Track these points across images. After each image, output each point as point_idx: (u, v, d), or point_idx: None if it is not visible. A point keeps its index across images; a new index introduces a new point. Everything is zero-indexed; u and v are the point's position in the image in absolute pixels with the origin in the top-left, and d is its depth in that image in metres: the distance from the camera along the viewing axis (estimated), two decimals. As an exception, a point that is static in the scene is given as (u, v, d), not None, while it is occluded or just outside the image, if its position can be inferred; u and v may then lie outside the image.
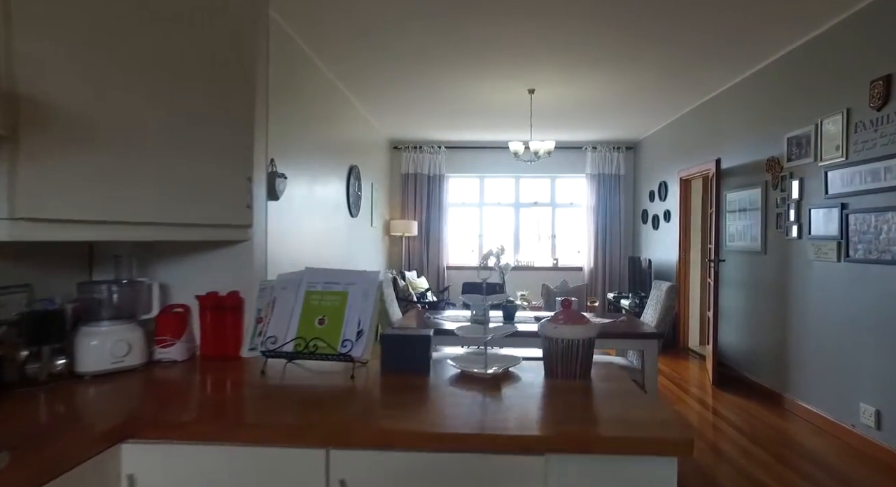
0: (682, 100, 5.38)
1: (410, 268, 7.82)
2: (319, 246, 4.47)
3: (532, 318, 3.57)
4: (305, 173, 4.11)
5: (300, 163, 3.98)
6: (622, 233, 7.76)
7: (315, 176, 4.32)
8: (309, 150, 4.19)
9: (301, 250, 3.95)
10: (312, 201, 4.29)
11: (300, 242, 3.93)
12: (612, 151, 7.74)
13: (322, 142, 4.56)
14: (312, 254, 4.23)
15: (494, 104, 5.61)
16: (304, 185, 4.06)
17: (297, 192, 3.92)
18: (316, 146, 4.37)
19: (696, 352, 5.76)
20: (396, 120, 6.55)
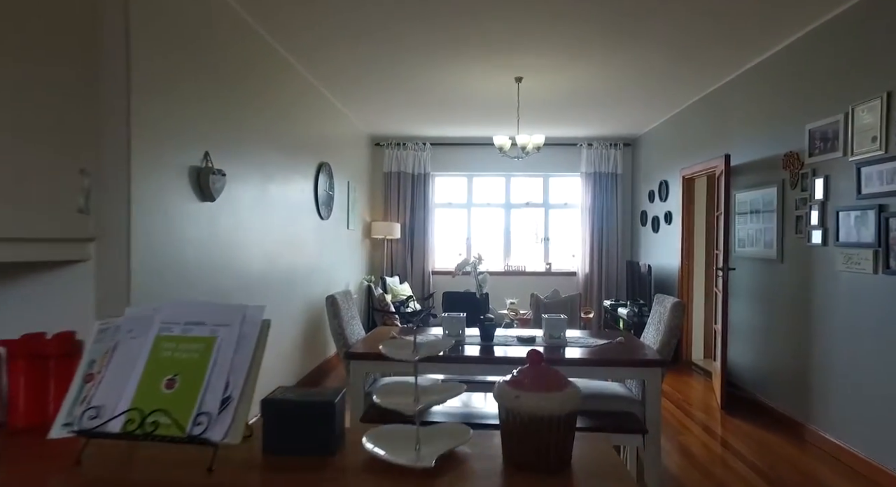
0: (686, 89, 4.88)
1: (393, 274, 7.30)
2: (277, 254, 3.95)
3: (514, 340, 3.06)
4: (257, 170, 3.59)
5: (250, 159, 3.47)
6: (619, 236, 7.26)
7: (270, 174, 3.80)
8: (262, 144, 3.68)
9: (249, 260, 3.44)
10: (267, 202, 3.77)
11: (247, 251, 3.42)
12: (609, 148, 7.24)
13: (281, 136, 4.04)
14: (265, 264, 3.72)
15: (480, 95, 5.10)
16: (254, 184, 3.55)
17: (245, 192, 3.40)
18: (272, 140, 3.85)
19: (700, 367, 5.26)
20: (376, 114, 6.04)
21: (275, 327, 3.73)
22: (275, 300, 3.91)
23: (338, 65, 4.27)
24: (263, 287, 3.70)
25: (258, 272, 3.60)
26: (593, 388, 2.92)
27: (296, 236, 4.38)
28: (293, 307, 4.28)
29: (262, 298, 3.67)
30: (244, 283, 3.38)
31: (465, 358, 2.71)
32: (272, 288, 3.88)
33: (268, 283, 3.78)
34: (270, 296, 3.83)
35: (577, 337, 3.13)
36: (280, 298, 4.02)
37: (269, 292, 3.81)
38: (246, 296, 3.38)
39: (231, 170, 3.14)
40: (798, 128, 3.49)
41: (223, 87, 3.08)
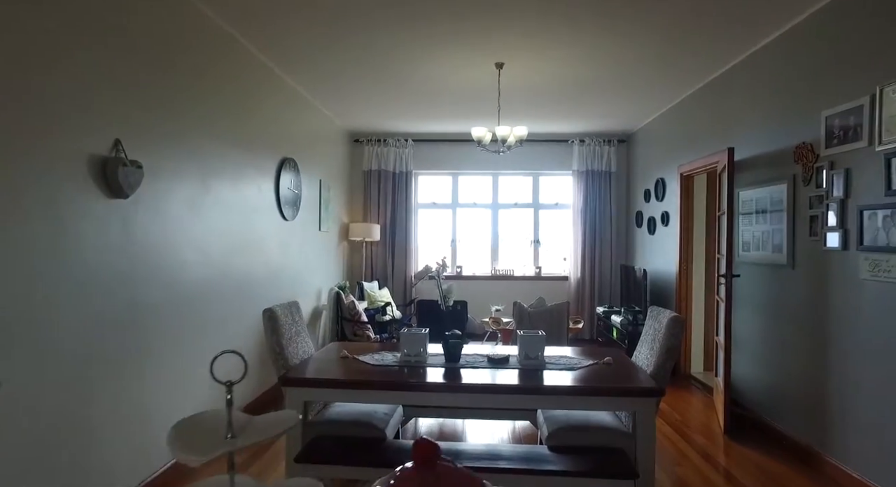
0: (685, 76, 4.45)
1: (373, 278, 6.86)
2: (226, 260, 3.51)
3: (484, 361, 2.62)
4: (196, 165, 3.15)
5: (186, 151, 3.02)
6: (613, 239, 6.83)
7: (215, 169, 3.36)
8: (204, 136, 3.23)
9: (183, 268, 2.99)
10: (211, 201, 3.33)
11: (180, 257, 2.97)
12: (602, 145, 6.82)
13: (232, 128, 3.60)
14: (209, 272, 3.27)
15: (460, 84, 4.66)
16: (192, 180, 3.10)
17: (178, 189, 2.96)
18: (219, 132, 3.41)
19: (699, 381, 4.82)
20: (353, 108, 5.60)
21: (223, 342, 3.28)
22: (222, 311, 3.46)
23: (303, 53, 3.83)
24: (205, 297, 3.25)
25: (197, 280, 3.16)
26: (576, 418, 2.48)
27: (252, 239, 3.93)
28: (248, 318, 3.83)
29: (204, 311, 3.23)
30: (177, 295, 2.93)
31: (421, 386, 2.27)
32: (220, 297, 3.43)
33: (212, 293, 3.34)
34: (217, 308, 3.39)
35: (557, 357, 2.69)
36: (230, 309, 3.57)
37: (214, 303, 3.36)
38: (177, 311, 2.93)
39: (155, 162, 2.70)
40: (812, 115, 3.06)
41: (144, 64, 2.64)
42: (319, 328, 5.58)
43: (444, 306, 2.70)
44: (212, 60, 3.32)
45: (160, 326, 2.79)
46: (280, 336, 2.55)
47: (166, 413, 2.81)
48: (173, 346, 2.92)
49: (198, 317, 3.18)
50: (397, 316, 6.15)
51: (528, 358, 2.56)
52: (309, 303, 5.25)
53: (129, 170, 2.37)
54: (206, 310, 3.28)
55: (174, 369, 2.92)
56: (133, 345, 2.57)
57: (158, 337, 2.78)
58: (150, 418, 2.70)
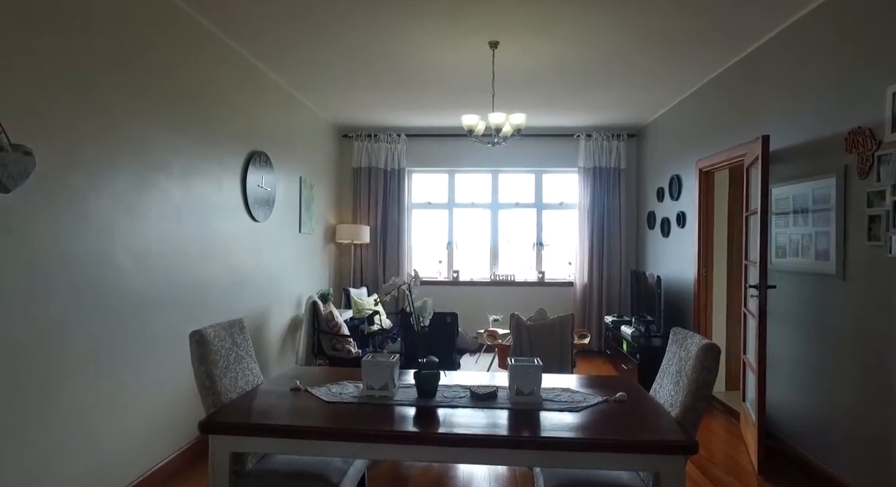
0: (706, 59, 3.91)
1: (361, 284, 6.36)
2: (172, 267, 3.01)
3: (466, 396, 2.09)
4: (131, 156, 2.66)
5: (113, 139, 2.53)
6: (623, 242, 6.29)
7: (156, 162, 2.87)
8: (138, 120, 2.74)
9: (106, 277, 2.49)
10: (153, 200, 2.84)
11: (100, 265, 2.48)
12: (611, 139, 6.28)
13: (180, 113, 3.11)
14: (144, 282, 2.77)
15: (453, 68, 4.15)
16: (125, 174, 2.61)
17: (105, 185, 2.47)
18: (159, 117, 2.92)
19: (721, 403, 4.28)
20: (339, 100, 5.10)
21: (172, 363, 2.78)
22: (169, 326, 2.97)
23: (275, 36, 3.34)
24: (143, 311, 2.76)
25: (133, 292, 2.66)
26: (581, 473, 1.96)
27: (212, 243, 3.44)
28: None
29: (142, 327, 2.73)
30: (100, 309, 2.44)
31: (377, 435, 1.76)
32: (165, 311, 2.94)
33: (154, 306, 2.84)
34: (160, 323, 2.89)
35: (558, 391, 2.17)
36: (181, 323, 3.07)
37: (156, 317, 2.86)
38: (98, 328, 2.43)
39: (62, 149, 2.20)
40: (872, 93, 2.52)
41: (41, 31, 2.15)
42: (299, 341, 5.08)
43: (417, 326, 2.18)
44: (155, 34, 2.83)
45: (74, 347, 2.30)
46: (211, 365, 2.04)
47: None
48: (98, 370, 2.42)
49: (135, 335, 2.68)
50: (387, 325, 5.65)
51: (520, 393, 2.04)
52: (286, 313, 4.76)
53: (11, 157, 1.88)
54: (146, 326, 2.78)
55: (98, 395, 2.43)
56: (29, 374, 2.08)
57: (72, 360, 2.29)
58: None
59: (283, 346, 4.71)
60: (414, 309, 2.15)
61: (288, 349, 4.81)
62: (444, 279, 6.61)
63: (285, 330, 4.73)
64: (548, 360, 3.70)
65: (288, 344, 4.81)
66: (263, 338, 4.26)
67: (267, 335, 4.33)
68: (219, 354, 2.11)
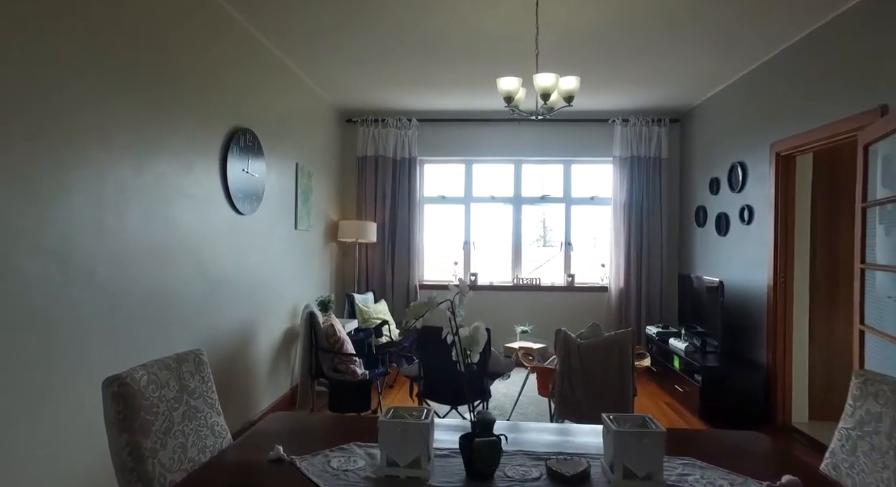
0: (802, 8, 3.15)
1: (367, 289, 5.60)
2: (112, 273, 2.26)
3: (539, 476, 1.32)
4: (41, 122, 1.91)
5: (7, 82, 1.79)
6: (664, 241, 5.52)
7: (87, 127, 2.12)
8: (52, 74, 1.99)
9: (23, 283, 1.74)
10: (78, 184, 2.09)
11: (13, 267, 1.73)
12: (651, 125, 5.51)
13: (129, 70, 2.36)
14: (72, 290, 2.02)
15: (482, 32, 3.39)
16: (26, 141, 1.86)
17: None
18: (99, 70, 2.18)
19: (804, 435, 3.51)
20: (343, 78, 4.34)
21: (90, 422, 1.88)
22: (88, 362, 2.21)
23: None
24: (53, 337, 2.00)
25: (38, 309, 1.91)
26: None
27: (178, 240, 2.69)
28: (169, 351, 2.59)
29: (46, 364, 1.98)
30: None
31: None
32: (88, 337, 2.19)
33: (73, 329, 2.09)
34: (75, 357, 2.14)
35: (677, 465, 1.40)
36: (116, 356, 2.32)
37: (74, 347, 2.11)
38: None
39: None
40: None
41: None
42: (294, 359, 4.32)
43: (462, 364, 1.42)
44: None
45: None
46: (140, 432, 1.28)
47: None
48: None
49: (38, 372, 1.93)
50: (396, 337, 4.89)
51: (631, 476, 1.28)
52: (279, 325, 4.00)
53: None
54: (60, 360, 2.03)
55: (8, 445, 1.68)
56: None
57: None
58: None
59: (276, 366, 3.94)
60: (459, 342, 1.39)
61: (281, 368, 4.05)
62: (453, 281, 5.83)
63: (277, 345, 3.98)
64: (603, 388, 2.94)
65: (281, 363, 4.05)
66: (248, 359, 3.51)
67: (253, 354, 3.57)
68: (155, 412, 1.35)
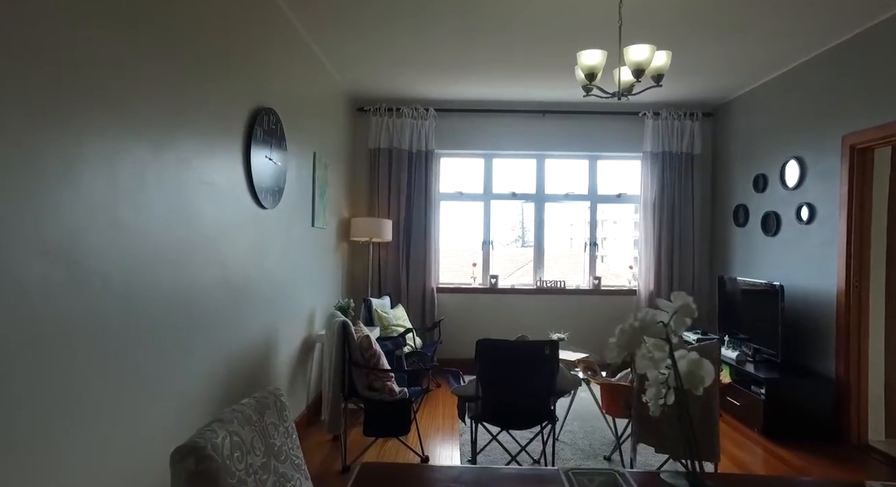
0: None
1: (382, 293, 5.14)
2: (127, 276, 1.78)
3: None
4: (47, 80, 1.43)
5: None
6: (696, 242, 5.21)
7: (101, 92, 1.64)
8: (81, 25, 1.52)
9: (21, 290, 1.26)
10: (84, 174, 1.61)
11: (10, 270, 1.25)
12: (683, 119, 5.20)
13: (139, 34, 1.88)
14: (79, 299, 1.54)
15: (526, 8, 2.98)
16: (21, 113, 1.38)
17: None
18: (106, 21, 1.70)
19: (883, 453, 3.22)
20: (359, 53, 3.88)
21: (127, 427, 1.45)
22: (102, 386, 1.74)
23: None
24: (56, 354, 1.52)
25: (37, 321, 1.43)
26: None
27: (202, 237, 2.20)
28: (180, 376, 2.10)
29: (49, 387, 1.50)
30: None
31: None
32: (100, 353, 1.71)
33: (80, 345, 1.61)
34: (83, 378, 1.66)
35: None
36: (148, 361, 1.84)
37: (81, 365, 1.63)
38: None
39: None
40: None
41: None
42: (310, 371, 3.83)
43: (682, 416, 1.00)
44: None
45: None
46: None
47: None
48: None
49: (33, 398, 1.45)
50: (418, 346, 4.45)
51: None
52: (298, 334, 3.52)
53: None
54: (87, 370, 1.55)
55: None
56: None
57: None
58: None
59: (294, 380, 3.47)
60: (679, 378, 0.98)
61: (299, 383, 3.57)
62: (480, 286, 5.43)
63: (296, 357, 3.50)
64: (695, 410, 2.56)
65: (299, 377, 3.57)
66: (270, 374, 3.02)
67: (274, 368, 3.09)
68: (241, 481, 0.90)
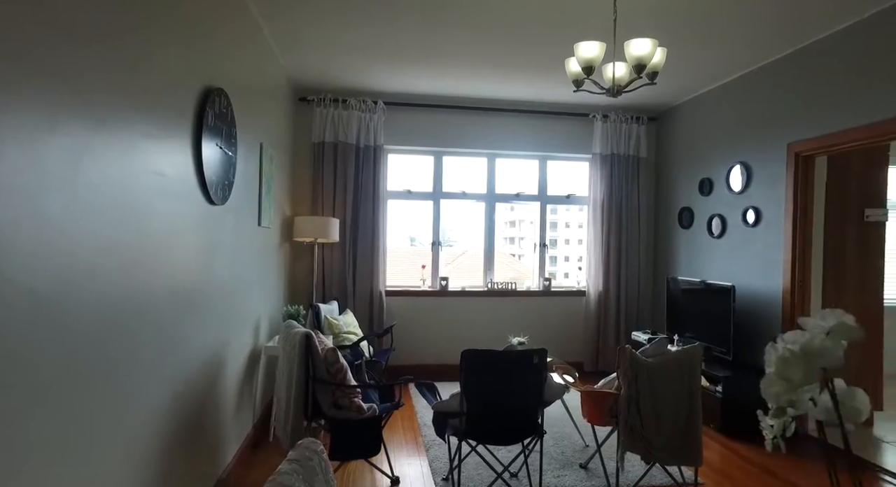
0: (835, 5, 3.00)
1: (327, 298, 4.79)
2: (66, 287, 1.41)
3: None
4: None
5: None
6: (641, 243, 5.36)
7: (47, 67, 1.26)
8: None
9: None
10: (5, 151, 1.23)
11: None
12: (630, 122, 5.31)
13: None
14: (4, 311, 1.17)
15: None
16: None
17: None
18: None
19: (815, 439, 3.42)
20: (310, 35, 3.55)
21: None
22: (41, 415, 1.37)
23: None
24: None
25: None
26: None
27: (147, 239, 1.82)
28: (133, 407, 1.73)
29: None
30: None
31: None
32: (45, 375, 1.34)
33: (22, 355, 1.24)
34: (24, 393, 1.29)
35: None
36: (84, 397, 1.47)
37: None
38: None
39: None
40: None
41: None
42: (256, 386, 3.45)
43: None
44: None
45: None
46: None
47: None
48: None
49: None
50: (371, 355, 4.18)
51: None
52: (244, 347, 3.13)
53: None
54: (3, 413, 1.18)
55: None
56: None
57: None
58: None
59: (241, 399, 3.08)
60: (838, 408, 0.85)
61: (245, 402, 3.18)
62: (429, 288, 5.24)
63: (243, 373, 3.11)
64: (676, 416, 2.55)
65: (245, 395, 3.18)
66: (217, 395, 2.64)
67: (222, 388, 2.71)
68: None
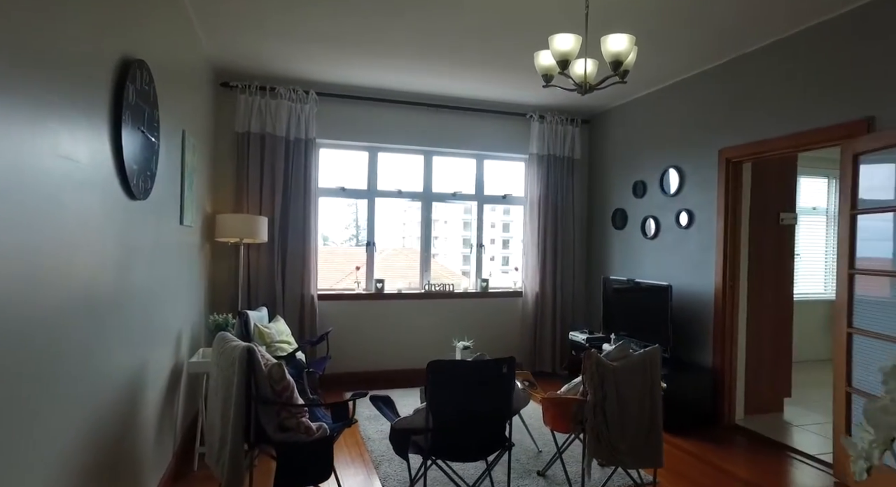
0: (766, 19, 3.18)
1: (254, 304, 4.38)
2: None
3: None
4: None
5: None
6: (576, 243, 5.45)
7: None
8: None
9: None
10: None
11: None
12: (565, 124, 5.39)
13: None
14: None
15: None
16: None
17: None
18: None
19: (746, 430, 3.65)
20: (241, 24, 3.18)
21: None
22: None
23: None
24: None
25: None
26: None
27: (58, 237, 1.45)
28: (39, 455, 1.36)
29: None
30: None
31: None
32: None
33: None
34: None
35: None
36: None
37: None
38: None
39: None
40: None
41: None
42: (177, 409, 3.02)
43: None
44: None
45: None
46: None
47: None
48: None
49: None
50: (306, 365, 3.85)
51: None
52: (166, 364, 2.71)
53: None
54: None
55: None
56: None
57: None
58: None
59: (161, 426, 2.67)
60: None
61: (166, 428, 2.76)
62: (364, 291, 4.97)
63: (163, 395, 2.70)
64: (638, 420, 2.55)
65: (165, 421, 2.76)
66: (137, 423, 2.24)
67: (142, 414, 2.30)
68: None
